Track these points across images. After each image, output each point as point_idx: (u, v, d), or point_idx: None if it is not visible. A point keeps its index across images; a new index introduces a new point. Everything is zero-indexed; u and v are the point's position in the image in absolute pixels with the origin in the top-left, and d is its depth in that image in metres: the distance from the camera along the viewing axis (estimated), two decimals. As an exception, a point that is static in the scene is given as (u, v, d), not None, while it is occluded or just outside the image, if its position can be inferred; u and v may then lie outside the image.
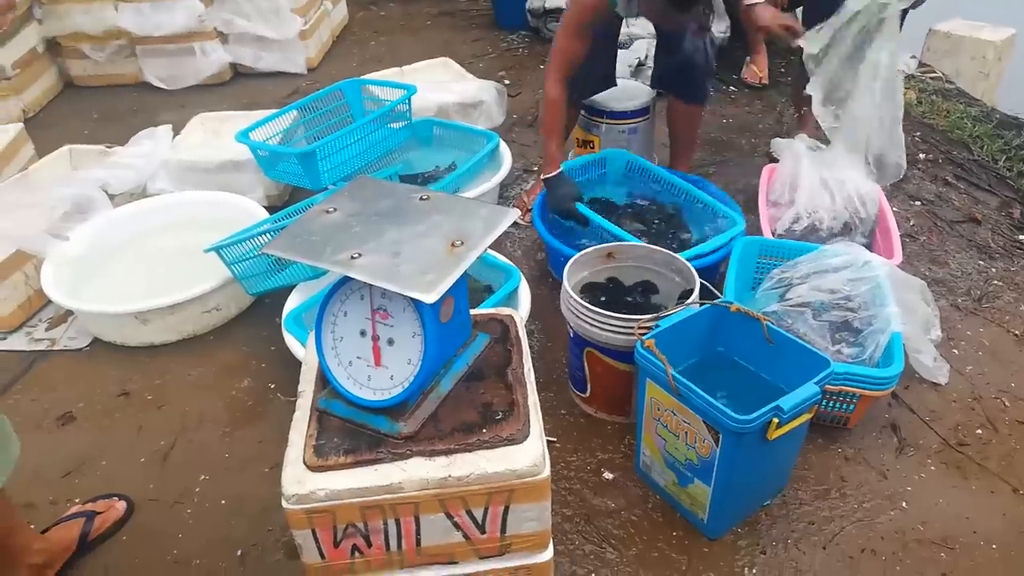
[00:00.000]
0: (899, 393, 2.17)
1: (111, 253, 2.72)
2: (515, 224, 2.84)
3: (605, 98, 2.98)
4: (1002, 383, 2.23)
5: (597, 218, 2.40)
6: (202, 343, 2.46)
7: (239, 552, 1.81)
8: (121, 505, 1.90)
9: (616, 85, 2.86)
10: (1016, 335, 2.40)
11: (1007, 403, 2.16)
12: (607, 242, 2.22)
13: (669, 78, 2.77)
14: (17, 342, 2.50)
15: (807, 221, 2.47)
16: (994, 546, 1.78)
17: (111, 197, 2.84)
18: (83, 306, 2.40)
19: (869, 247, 2.42)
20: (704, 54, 2.62)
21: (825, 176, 2.53)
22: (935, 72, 4.09)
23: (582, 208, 2.43)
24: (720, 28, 4.06)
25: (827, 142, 2.64)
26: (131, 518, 1.91)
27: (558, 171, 2.51)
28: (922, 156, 3.35)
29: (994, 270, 2.69)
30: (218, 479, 2.01)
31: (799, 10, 2.99)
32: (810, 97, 2.60)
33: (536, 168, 3.19)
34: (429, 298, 1.00)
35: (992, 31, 4.09)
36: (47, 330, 2.56)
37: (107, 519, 1.86)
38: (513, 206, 2.99)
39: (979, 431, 2.08)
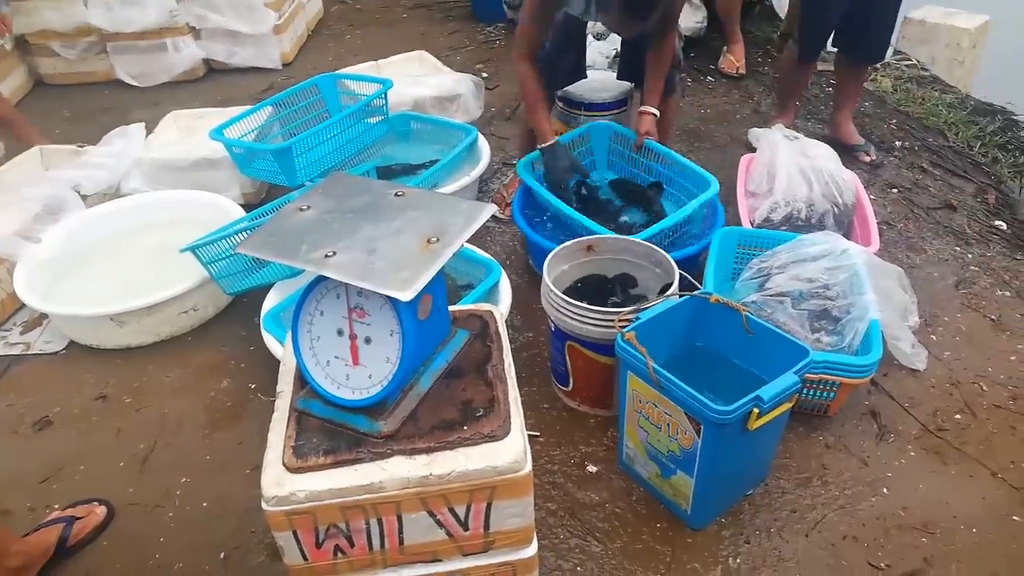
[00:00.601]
0: (878, 380, 2.19)
1: (85, 255, 2.68)
2: (495, 218, 2.84)
3: (583, 90, 2.97)
4: (979, 368, 2.25)
5: (579, 216, 2.40)
6: (180, 344, 2.44)
7: (222, 555, 1.80)
8: (101, 510, 1.88)
9: (586, 77, 2.85)
10: (993, 320, 2.43)
11: (984, 388, 2.19)
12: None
13: (635, 72, 2.77)
14: (-10, 346, 2.46)
15: (785, 210, 2.48)
16: (974, 530, 1.81)
17: (84, 197, 2.79)
18: (57, 309, 2.36)
19: (847, 235, 2.44)
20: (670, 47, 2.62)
21: (803, 164, 2.54)
22: (910, 60, 4.12)
23: (560, 205, 2.41)
24: (697, 19, 4.06)
25: (803, 132, 2.66)
26: (112, 523, 1.88)
27: (554, 140, 2.49)
28: (898, 144, 3.38)
29: (970, 256, 2.71)
30: (199, 481, 1.99)
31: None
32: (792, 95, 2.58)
33: (515, 162, 3.18)
34: (405, 296, 0.99)
35: (967, 18, 4.12)
36: (22, 334, 2.51)
37: (87, 524, 1.84)
38: (491, 201, 2.97)
39: (957, 416, 2.11)
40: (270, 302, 2.28)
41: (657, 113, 2.64)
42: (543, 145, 2.50)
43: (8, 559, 1.65)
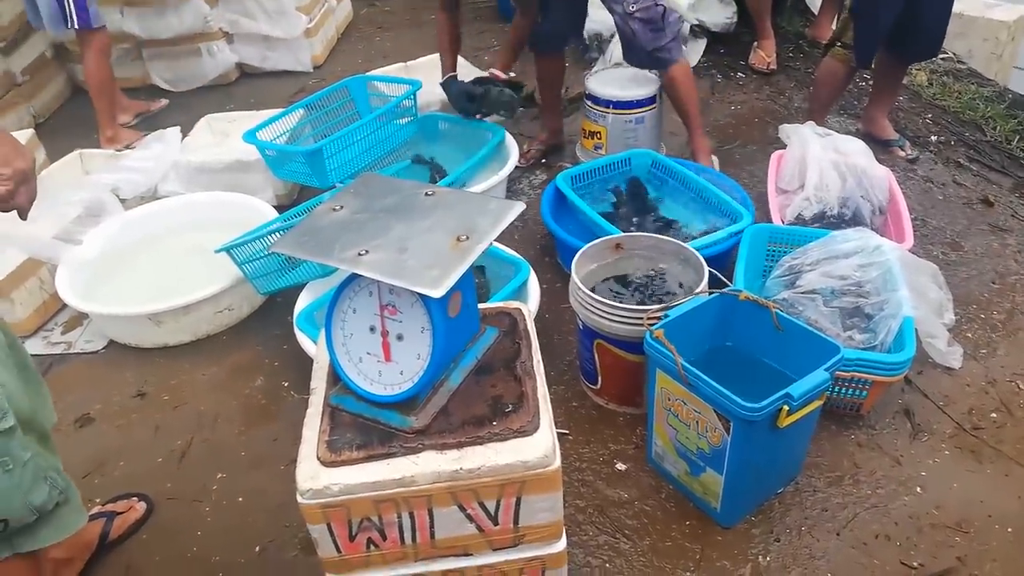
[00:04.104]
0: (912, 378, 2.16)
1: (124, 256, 2.74)
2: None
3: (610, 87, 2.98)
4: (1016, 366, 2.21)
5: (586, 207, 2.48)
6: (216, 343, 2.49)
7: (257, 548, 1.84)
8: (141, 506, 1.93)
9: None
10: (1030, 317, 2.38)
11: (1021, 386, 2.15)
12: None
13: (626, 56, 2.91)
14: (34, 346, 2.53)
15: (816, 207, 2.45)
16: (1009, 529, 1.78)
17: (122, 200, 2.86)
18: (98, 309, 2.42)
19: (880, 232, 2.41)
20: (631, 32, 2.72)
21: (835, 160, 2.51)
22: (947, 53, 4.04)
23: (591, 212, 2.47)
24: (727, 14, 4.04)
25: (835, 127, 2.62)
26: (151, 517, 1.93)
27: (450, 75, 3.06)
28: (934, 138, 3.32)
29: (1008, 252, 2.66)
30: (235, 477, 2.03)
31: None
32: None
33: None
34: (436, 293, 1.00)
35: (1005, 10, 4.03)
36: (63, 333, 2.59)
37: (127, 520, 1.89)
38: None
39: (993, 415, 2.07)
40: (303, 302, 2.31)
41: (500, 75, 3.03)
42: (442, 80, 3.04)
43: (55, 551, 1.69)
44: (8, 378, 1.28)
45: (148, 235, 2.82)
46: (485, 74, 3.10)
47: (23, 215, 1.27)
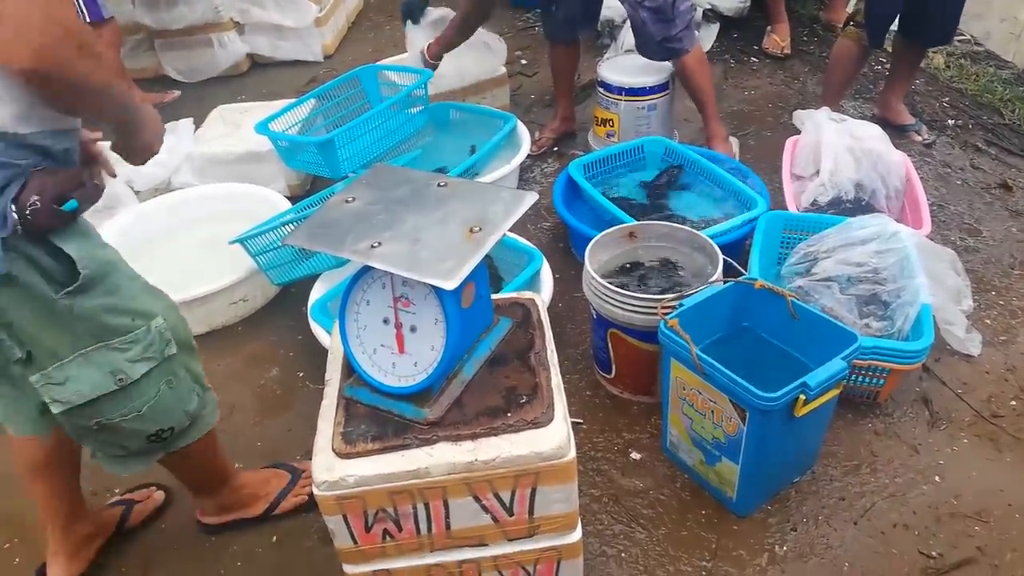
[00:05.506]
0: (930, 366, 2.14)
1: (138, 248, 2.74)
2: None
3: (621, 74, 2.96)
4: (1036, 353, 2.19)
5: (598, 195, 2.46)
6: (231, 334, 2.50)
7: (274, 538, 1.85)
8: (159, 495, 1.95)
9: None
10: (1051, 303, 2.35)
11: (1042, 373, 2.13)
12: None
13: (638, 46, 2.89)
14: (52, 337, 2.54)
15: (832, 192, 2.43)
16: (1030, 518, 1.76)
17: (136, 193, 2.87)
18: (113, 301, 2.43)
19: (897, 218, 2.38)
20: (641, 21, 2.71)
21: (850, 145, 2.48)
22: (963, 35, 3.98)
23: (604, 202, 2.45)
24: (739, -1, 3.99)
25: (851, 112, 2.59)
26: (169, 506, 1.95)
27: None
28: (951, 122, 3.28)
29: (1027, 237, 2.63)
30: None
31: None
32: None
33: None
34: (449, 285, 1.00)
35: (1023, -10, 3.96)
36: (80, 325, 2.60)
37: (146, 508, 1.91)
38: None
39: (1013, 402, 2.05)
40: (317, 292, 2.32)
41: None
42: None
43: (83, 526, 1.75)
44: (162, 308, 1.47)
45: (162, 227, 2.82)
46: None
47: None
